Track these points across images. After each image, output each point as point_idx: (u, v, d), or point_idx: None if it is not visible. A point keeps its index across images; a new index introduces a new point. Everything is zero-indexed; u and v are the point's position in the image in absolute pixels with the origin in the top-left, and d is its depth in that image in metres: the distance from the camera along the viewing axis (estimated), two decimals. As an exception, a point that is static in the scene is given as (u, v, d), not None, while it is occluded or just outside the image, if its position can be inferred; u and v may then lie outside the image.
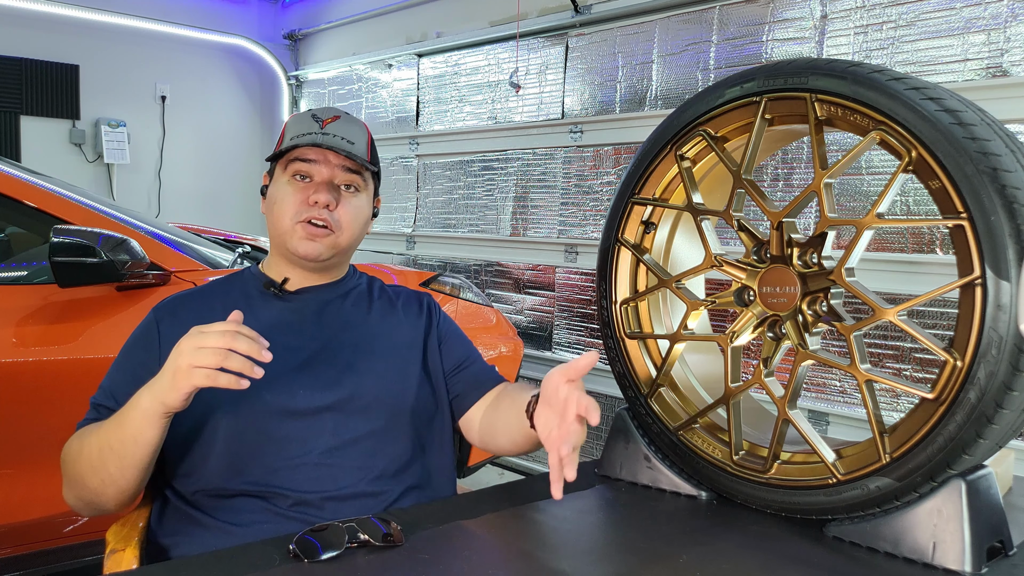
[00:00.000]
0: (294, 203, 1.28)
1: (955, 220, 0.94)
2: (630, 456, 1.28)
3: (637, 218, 1.30)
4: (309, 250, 1.29)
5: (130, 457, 1.12)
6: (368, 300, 1.39)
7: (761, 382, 1.13)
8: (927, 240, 2.51)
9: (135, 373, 1.22)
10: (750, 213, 2.41)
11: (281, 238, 1.30)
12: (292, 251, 1.30)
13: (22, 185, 2.19)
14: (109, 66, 5.09)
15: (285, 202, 1.29)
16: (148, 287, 2.15)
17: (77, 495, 1.20)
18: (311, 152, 1.28)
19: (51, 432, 2.04)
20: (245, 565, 0.95)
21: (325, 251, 1.30)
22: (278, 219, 1.30)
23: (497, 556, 1.01)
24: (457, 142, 4.33)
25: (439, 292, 2.73)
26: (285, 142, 1.30)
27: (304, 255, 1.29)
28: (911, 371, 2.53)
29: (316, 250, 1.29)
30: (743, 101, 1.15)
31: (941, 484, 0.96)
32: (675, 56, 3.29)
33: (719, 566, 0.97)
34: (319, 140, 1.27)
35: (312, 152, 1.28)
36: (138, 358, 1.25)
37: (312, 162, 1.29)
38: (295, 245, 1.29)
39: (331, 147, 1.27)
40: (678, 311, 1.33)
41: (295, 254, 1.30)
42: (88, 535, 2.11)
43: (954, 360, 0.94)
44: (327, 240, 1.29)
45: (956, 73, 2.48)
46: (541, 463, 3.84)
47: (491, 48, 4.14)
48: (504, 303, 3.99)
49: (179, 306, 1.30)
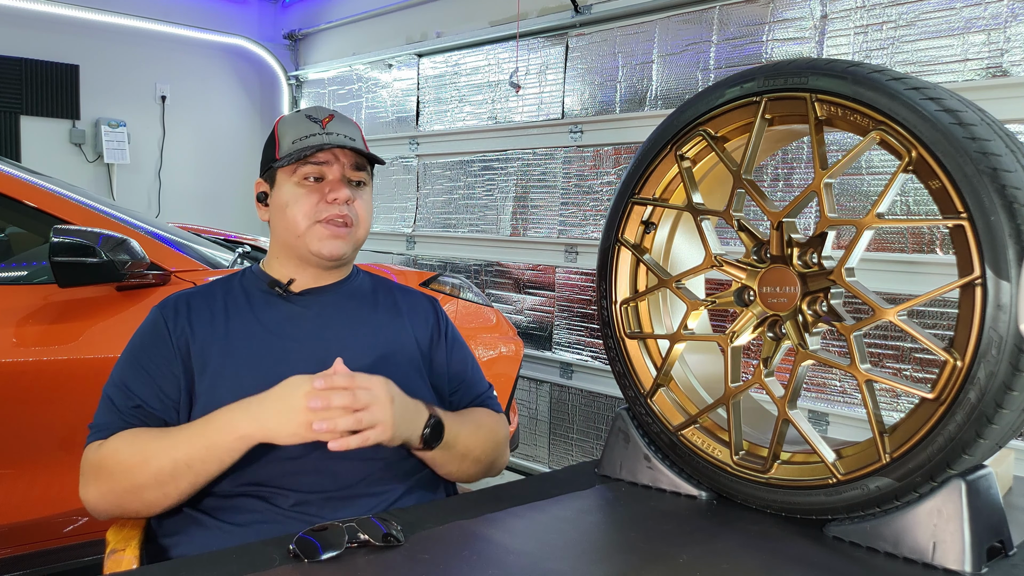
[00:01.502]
0: (310, 204, 1.29)
1: (955, 220, 0.94)
2: (630, 456, 1.28)
3: (637, 218, 1.30)
4: (335, 249, 1.29)
5: (207, 474, 1.14)
6: (373, 300, 1.39)
7: (761, 382, 1.13)
8: (927, 240, 2.51)
9: (151, 373, 1.22)
10: (750, 213, 2.41)
11: (299, 241, 1.30)
12: (315, 252, 1.29)
13: (22, 185, 2.18)
14: (109, 66, 5.08)
15: (299, 204, 1.29)
16: (148, 287, 2.15)
17: (117, 502, 1.16)
18: (321, 154, 1.29)
19: (51, 432, 2.05)
20: (245, 565, 0.95)
21: (349, 249, 1.32)
22: (293, 223, 1.29)
23: (497, 556, 1.01)
24: (457, 142, 4.33)
25: (439, 292, 2.72)
26: (285, 146, 1.30)
27: (330, 255, 1.30)
28: (911, 371, 2.53)
29: (341, 248, 1.30)
30: (743, 101, 1.15)
31: (941, 484, 0.96)
32: (675, 56, 3.29)
33: (719, 566, 0.97)
34: (327, 140, 1.28)
35: (322, 154, 1.29)
36: (151, 358, 1.24)
37: (323, 163, 1.29)
38: (319, 246, 1.29)
39: (341, 146, 1.28)
40: (678, 311, 1.33)
41: (318, 255, 1.30)
42: (88, 535, 2.10)
43: (954, 360, 0.94)
44: (349, 238, 1.31)
45: (956, 73, 2.48)
46: (541, 463, 3.84)
47: (491, 48, 4.14)
48: (504, 303, 3.99)
49: (182, 304, 1.30)
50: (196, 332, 1.25)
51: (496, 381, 2.69)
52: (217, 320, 1.28)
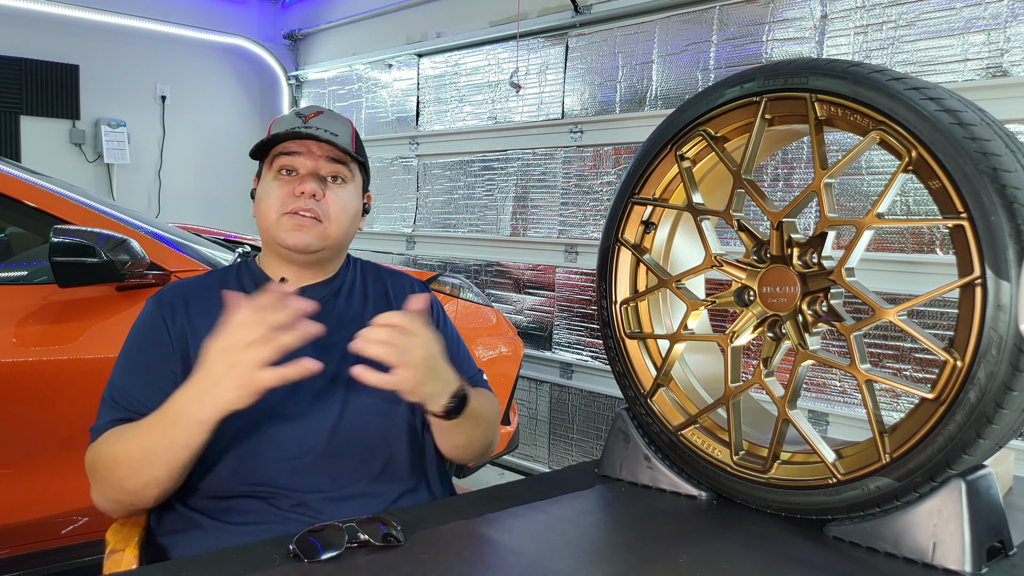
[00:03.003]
0: (279, 196, 1.29)
1: (955, 220, 0.94)
2: (630, 456, 1.28)
3: (637, 218, 1.30)
4: (298, 240, 1.28)
5: (177, 461, 1.12)
6: (363, 294, 1.39)
7: (761, 382, 1.13)
8: (927, 240, 2.51)
9: (150, 373, 1.22)
10: (750, 213, 2.41)
11: (269, 233, 1.30)
12: (280, 243, 1.29)
13: (22, 185, 2.18)
14: (109, 66, 5.09)
15: (270, 196, 1.29)
16: (148, 287, 2.15)
17: (114, 497, 1.17)
18: (293, 144, 1.29)
19: (51, 432, 2.05)
20: (245, 565, 0.95)
21: (315, 241, 1.29)
22: (264, 215, 1.30)
23: (497, 556, 1.01)
24: (457, 142, 4.33)
25: (439, 292, 2.73)
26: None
27: (293, 245, 1.29)
28: (911, 371, 2.53)
29: (304, 240, 1.28)
30: (743, 101, 1.14)
31: (941, 484, 0.96)
32: (675, 56, 3.29)
33: (719, 566, 0.97)
34: (300, 130, 1.28)
35: (294, 144, 1.29)
36: (150, 358, 1.24)
37: (295, 154, 1.29)
38: (283, 237, 1.28)
39: (313, 137, 1.27)
40: (678, 311, 1.33)
41: (283, 245, 1.29)
42: (88, 535, 2.11)
43: (954, 360, 0.94)
44: (316, 230, 1.29)
45: (956, 73, 2.48)
46: (541, 463, 3.84)
47: (491, 48, 4.14)
48: (504, 303, 3.99)
49: (179, 297, 1.30)
50: (194, 325, 1.25)
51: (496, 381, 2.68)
52: (214, 314, 1.27)
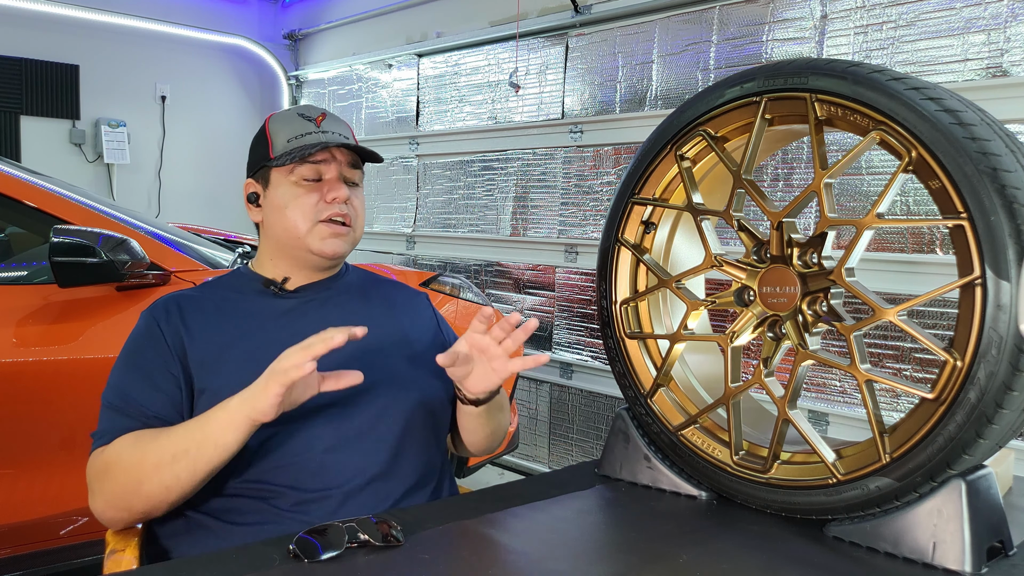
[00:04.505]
0: (309, 203, 1.29)
1: (955, 220, 0.94)
2: (630, 456, 1.28)
3: (637, 218, 1.30)
4: (336, 248, 1.31)
5: (204, 461, 1.11)
6: (363, 294, 1.40)
7: (761, 382, 1.13)
8: (927, 240, 2.51)
9: (149, 374, 1.21)
10: (750, 213, 2.41)
11: (299, 241, 1.30)
12: (317, 252, 1.30)
13: (22, 185, 2.19)
14: (109, 66, 5.08)
15: (298, 204, 1.29)
16: (148, 287, 2.15)
17: (124, 505, 1.15)
18: (319, 153, 1.29)
19: (51, 432, 2.05)
20: (245, 565, 0.95)
21: (348, 247, 1.34)
22: (292, 224, 1.29)
23: (497, 556, 1.01)
24: (457, 142, 4.33)
25: (439, 292, 2.72)
26: (279, 145, 1.30)
27: (332, 254, 1.31)
28: (911, 371, 2.53)
29: (342, 248, 1.32)
30: (743, 101, 1.15)
31: (941, 484, 0.96)
32: (675, 56, 3.29)
33: (719, 566, 0.97)
34: (325, 139, 1.28)
35: (320, 153, 1.29)
36: (148, 360, 1.23)
37: (320, 162, 1.29)
38: (320, 246, 1.30)
39: (339, 144, 1.28)
40: (678, 311, 1.33)
41: (320, 254, 1.30)
42: (88, 535, 2.11)
43: (954, 360, 0.94)
44: (348, 236, 1.33)
45: (956, 73, 2.48)
46: (541, 463, 3.84)
47: (491, 48, 4.14)
48: (504, 303, 3.99)
49: (172, 306, 1.29)
50: (191, 331, 1.25)
51: (496, 381, 2.68)
52: (210, 319, 1.28)
